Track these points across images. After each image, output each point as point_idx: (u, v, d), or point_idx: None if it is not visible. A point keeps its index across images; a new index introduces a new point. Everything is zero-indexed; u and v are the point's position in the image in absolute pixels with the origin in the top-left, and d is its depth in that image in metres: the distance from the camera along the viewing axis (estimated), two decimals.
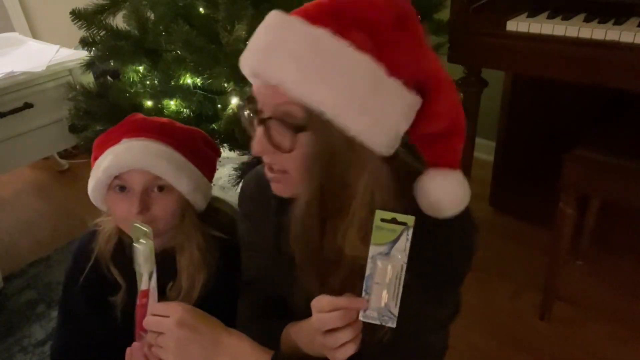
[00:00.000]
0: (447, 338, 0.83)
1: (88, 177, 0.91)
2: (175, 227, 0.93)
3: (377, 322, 0.63)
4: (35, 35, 2.75)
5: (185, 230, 0.94)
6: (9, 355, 1.65)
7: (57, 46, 2.13)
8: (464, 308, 0.80)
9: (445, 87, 0.64)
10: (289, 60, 0.57)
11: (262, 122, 0.62)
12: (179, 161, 0.90)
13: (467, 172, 1.76)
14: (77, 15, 1.45)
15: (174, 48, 1.36)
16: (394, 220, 0.62)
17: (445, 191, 0.65)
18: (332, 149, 0.61)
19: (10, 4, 2.70)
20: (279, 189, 0.69)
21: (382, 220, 0.62)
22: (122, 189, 0.88)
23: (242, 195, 0.90)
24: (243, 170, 1.40)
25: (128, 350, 0.79)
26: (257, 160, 1.43)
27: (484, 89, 1.64)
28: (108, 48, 1.45)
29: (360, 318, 0.62)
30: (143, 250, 0.75)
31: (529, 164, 1.97)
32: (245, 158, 1.44)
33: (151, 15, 1.48)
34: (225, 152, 1.45)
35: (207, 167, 0.97)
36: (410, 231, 0.62)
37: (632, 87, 1.27)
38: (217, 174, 1.13)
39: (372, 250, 0.63)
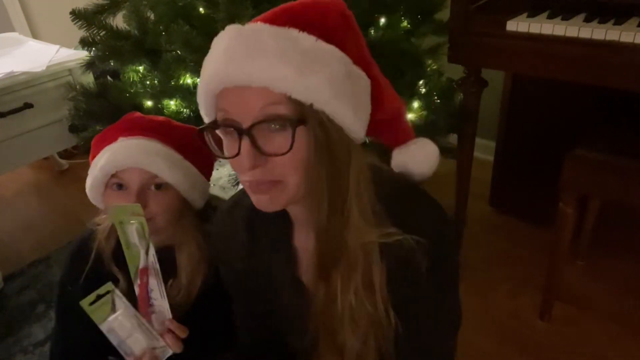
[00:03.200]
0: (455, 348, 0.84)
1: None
2: (174, 225, 0.93)
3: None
4: (35, 35, 2.76)
5: (184, 229, 0.94)
6: (9, 355, 1.65)
7: (57, 46, 2.13)
8: (464, 307, 0.80)
9: (379, 73, 0.69)
10: (276, 59, 0.57)
11: (248, 131, 0.59)
12: (176, 159, 0.90)
13: (467, 172, 1.76)
14: (77, 15, 1.45)
15: (174, 48, 1.36)
16: (98, 297, 0.77)
17: (422, 154, 0.75)
18: (329, 138, 0.62)
19: (10, 4, 2.70)
20: (272, 200, 0.64)
21: (90, 304, 0.76)
22: (120, 187, 0.88)
23: (215, 234, 0.88)
24: None
25: None
26: None
27: (484, 89, 1.64)
28: (108, 48, 1.45)
29: None
30: (136, 228, 0.77)
31: (529, 164, 1.97)
32: None
33: (151, 15, 1.48)
34: None
35: (205, 166, 0.97)
36: (117, 291, 0.78)
37: (633, 87, 1.27)
38: (217, 174, 1.13)
39: (104, 328, 0.77)
